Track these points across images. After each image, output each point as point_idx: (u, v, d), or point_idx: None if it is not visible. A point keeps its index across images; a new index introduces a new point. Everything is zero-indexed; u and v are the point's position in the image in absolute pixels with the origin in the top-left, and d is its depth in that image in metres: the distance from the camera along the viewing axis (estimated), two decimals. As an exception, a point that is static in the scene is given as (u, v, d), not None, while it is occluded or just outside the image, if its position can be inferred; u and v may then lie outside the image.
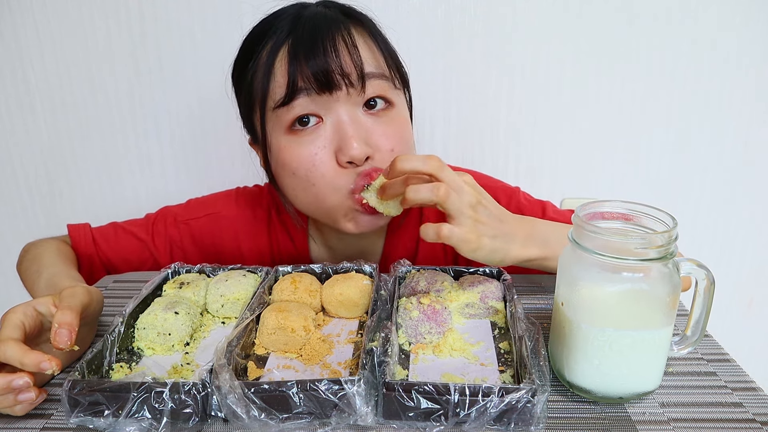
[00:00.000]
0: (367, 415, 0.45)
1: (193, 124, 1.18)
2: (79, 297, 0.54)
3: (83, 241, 0.83)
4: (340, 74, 0.62)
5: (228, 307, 0.62)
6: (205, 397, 0.47)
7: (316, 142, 0.66)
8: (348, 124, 0.65)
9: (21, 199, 1.25)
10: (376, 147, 0.66)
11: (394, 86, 0.69)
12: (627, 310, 0.48)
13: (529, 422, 0.45)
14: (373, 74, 0.66)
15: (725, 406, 0.49)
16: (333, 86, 0.63)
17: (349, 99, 0.65)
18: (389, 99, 0.68)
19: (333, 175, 0.66)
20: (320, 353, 0.55)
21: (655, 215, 0.50)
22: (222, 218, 0.85)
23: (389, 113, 0.68)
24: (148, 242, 0.85)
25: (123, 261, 0.85)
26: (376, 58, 0.67)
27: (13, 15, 1.11)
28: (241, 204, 0.86)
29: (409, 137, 0.71)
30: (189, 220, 0.85)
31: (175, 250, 0.85)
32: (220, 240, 0.85)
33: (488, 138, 1.17)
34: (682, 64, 1.11)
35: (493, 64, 1.12)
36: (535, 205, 0.83)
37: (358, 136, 0.65)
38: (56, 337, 0.48)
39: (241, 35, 0.72)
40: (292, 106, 0.64)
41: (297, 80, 0.63)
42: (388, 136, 0.67)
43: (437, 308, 0.57)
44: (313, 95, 0.63)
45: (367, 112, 0.67)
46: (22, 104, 1.17)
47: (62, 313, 0.50)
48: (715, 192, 1.21)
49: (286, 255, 0.85)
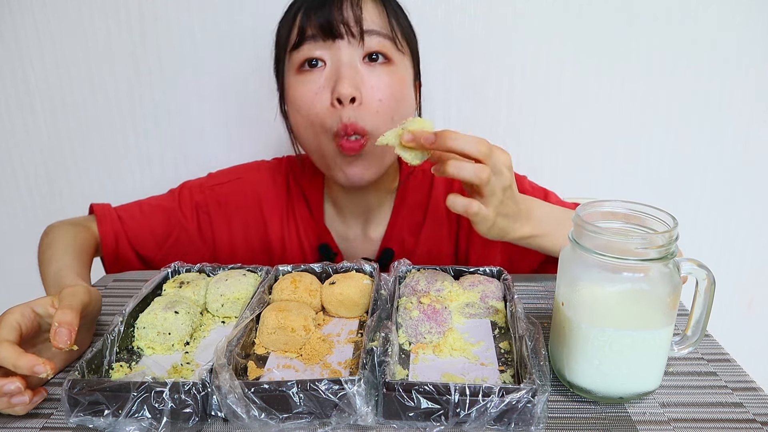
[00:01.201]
0: (367, 415, 0.45)
1: (192, 124, 1.18)
2: (79, 297, 0.54)
3: (108, 218, 0.85)
4: (341, 23, 0.71)
5: (228, 307, 0.62)
6: (205, 396, 0.47)
7: (317, 81, 0.73)
8: (344, 66, 0.72)
9: (21, 199, 1.25)
10: (365, 93, 0.72)
11: (396, 47, 0.75)
12: (627, 310, 0.48)
13: (530, 422, 0.45)
14: (374, 31, 0.73)
15: (725, 406, 0.49)
16: (335, 34, 0.71)
17: (351, 48, 0.72)
18: (389, 56, 0.74)
19: (325, 114, 0.73)
20: (320, 353, 0.55)
21: (655, 215, 0.50)
22: (245, 183, 0.91)
23: (387, 68, 0.74)
24: (175, 209, 0.88)
25: (150, 234, 0.86)
26: (381, 18, 0.74)
27: (13, 15, 1.11)
28: (262, 170, 0.93)
29: (402, 95, 0.75)
30: (214, 185, 0.90)
31: (201, 216, 0.89)
32: (243, 204, 0.89)
33: (488, 138, 1.17)
34: (682, 64, 1.11)
35: (493, 64, 1.12)
36: (538, 192, 0.86)
37: (350, 77, 0.71)
38: (56, 337, 0.48)
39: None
40: (302, 49, 0.73)
41: (306, 28, 0.72)
42: (378, 87, 0.73)
43: (437, 308, 0.57)
44: (319, 42, 0.72)
45: (366, 63, 0.74)
46: (22, 104, 1.17)
47: (62, 312, 0.50)
48: (715, 192, 1.20)
49: (301, 219, 0.89)
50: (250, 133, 1.19)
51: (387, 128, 0.71)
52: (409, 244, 0.87)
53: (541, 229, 0.66)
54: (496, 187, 0.58)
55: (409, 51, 0.78)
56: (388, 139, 0.59)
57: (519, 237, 0.65)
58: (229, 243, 0.89)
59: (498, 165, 0.57)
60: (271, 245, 0.89)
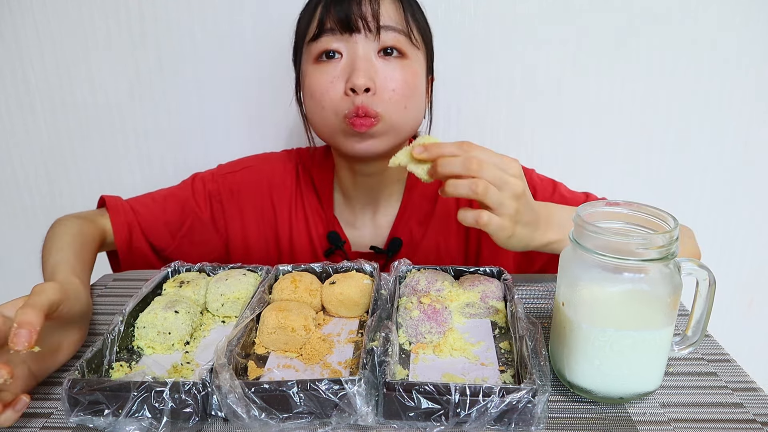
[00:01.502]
0: (367, 415, 0.45)
1: (192, 124, 1.18)
2: (47, 294, 0.50)
3: (122, 210, 0.85)
4: (359, 17, 0.73)
5: (228, 306, 0.62)
6: (206, 396, 0.47)
7: (333, 72, 0.76)
8: (360, 59, 0.74)
9: (21, 199, 1.25)
10: (379, 84, 0.75)
11: (411, 42, 0.77)
12: (628, 310, 0.48)
13: (530, 422, 0.45)
14: (390, 27, 0.75)
15: (726, 406, 0.49)
16: (352, 28, 0.74)
17: (367, 42, 0.75)
18: (403, 51, 0.76)
19: (338, 100, 0.75)
20: (320, 353, 0.55)
21: (655, 215, 0.50)
22: (256, 171, 0.92)
23: (401, 62, 0.76)
24: (188, 198, 0.89)
25: (164, 224, 0.87)
26: (398, 15, 0.76)
27: (13, 15, 1.11)
28: (272, 160, 0.95)
29: (414, 87, 0.77)
30: (226, 174, 0.92)
31: (214, 205, 0.90)
32: (255, 192, 0.91)
33: (488, 138, 1.17)
34: (682, 64, 1.11)
35: (493, 64, 1.12)
36: (546, 183, 0.87)
37: (365, 69, 0.74)
38: (14, 338, 0.44)
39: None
40: (320, 41, 0.76)
41: (325, 21, 0.75)
42: (392, 78, 0.75)
43: (437, 308, 0.57)
44: (336, 34, 0.75)
45: (381, 57, 0.76)
46: (22, 104, 1.17)
47: (23, 311, 0.46)
48: (715, 192, 1.20)
49: (310, 207, 0.91)
50: (250, 132, 1.19)
51: (399, 115, 0.76)
52: (417, 235, 0.88)
53: (565, 232, 0.66)
54: (503, 198, 0.58)
55: (424, 46, 0.80)
56: (400, 158, 0.61)
57: (544, 244, 0.66)
58: (242, 231, 0.91)
59: (497, 177, 0.58)
60: (279, 233, 0.90)
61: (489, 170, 0.58)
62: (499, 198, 0.58)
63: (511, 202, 0.59)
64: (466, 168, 0.57)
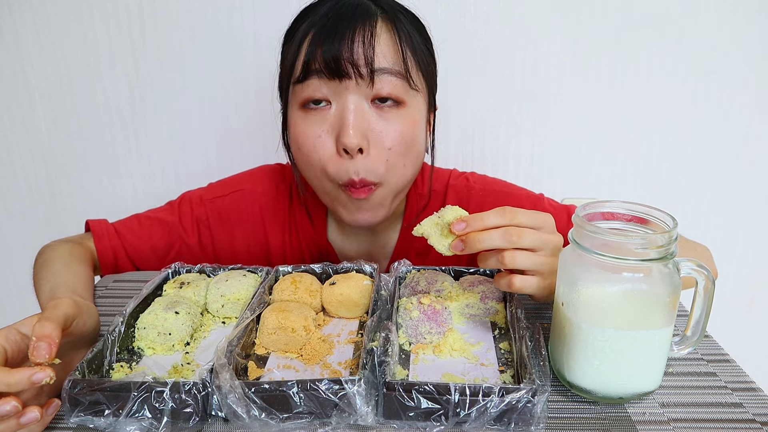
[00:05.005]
0: (367, 415, 0.45)
1: (193, 124, 1.18)
2: (62, 308, 0.50)
3: (106, 235, 0.82)
4: (350, 63, 0.64)
5: (228, 307, 0.62)
6: (206, 396, 0.47)
7: (321, 124, 0.68)
8: (351, 112, 0.66)
9: (21, 199, 1.25)
10: (373, 142, 0.67)
11: (409, 86, 0.68)
12: (627, 310, 0.48)
13: (530, 422, 0.45)
14: (385, 70, 0.66)
15: (725, 406, 0.50)
16: (342, 74, 0.65)
17: (359, 90, 0.66)
18: (400, 99, 0.68)
19: (329, 162, 0.68)
20: (320, 353, 0.55)
21: (655, 215, 0.50)
22: (247, 194, 0.86)
23: (397, 111, 0.68)
24: (175, 224, 0.84)
25: (150, 249, 0.83)
26: (395, 54, 0.67)
27: (13, 15, 1.11)
28: (265, 181, 0.88)
29: (413, 139, 0.70)
30: (215, 198, 0.86)
31: (202, 230, 0.85)
32: (245, 217, 0.86)
33: (488, 138, 1.17)
34: (682, 64, 1.11)
35: (493, 64, 1.12)
36: (560, 211, 0.83)
37: (357, 125, 0.66)
38: (34, 351, 0.44)
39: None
40: (306, 85, 0.67)
41: (311, 62, 0.66)
42: (387, 134, 0.68)
43: (437, 308, 0.57)
44: (324, 79, 0.66)
45: (375, 106, 0.68)
46: (22, 104, 1.17)
47: (40, 325, 0.46)
48: (715, 192, 1.21)
49: (304, 234, 0.86)
50: (250, 133, 1.19)
51: (398, 176, 0.70)
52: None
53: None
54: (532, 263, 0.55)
55: (425, 84, 0.72)
56: (425, 229, 0.57)
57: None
58: (232, 256, 0.87)
59: (539, 238, 0.55)
60: (271, 259, 0.87)
61: (528, 238, 0.54)
62: (530, 263, 0.55)
63: (548, 259, 0.56)
64: (507, 241, 0.53)
